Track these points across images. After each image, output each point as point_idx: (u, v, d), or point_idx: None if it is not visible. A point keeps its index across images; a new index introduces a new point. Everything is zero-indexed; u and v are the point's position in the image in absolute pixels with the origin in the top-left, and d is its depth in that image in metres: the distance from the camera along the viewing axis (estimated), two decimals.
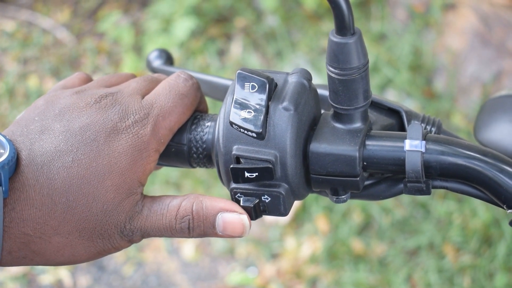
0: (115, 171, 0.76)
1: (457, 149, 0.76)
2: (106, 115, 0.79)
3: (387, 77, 2.89)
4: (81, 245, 0.76)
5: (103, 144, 0.77)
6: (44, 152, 0.75)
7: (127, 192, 0.77)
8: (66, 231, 0.75)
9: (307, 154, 0.79)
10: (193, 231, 0.78)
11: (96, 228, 0.76)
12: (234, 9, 3.25)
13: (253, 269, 2.57)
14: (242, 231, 0.78)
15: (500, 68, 2.76)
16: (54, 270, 2.65)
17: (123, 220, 0.77)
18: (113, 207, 0.76)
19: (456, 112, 2.76)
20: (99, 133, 0.77)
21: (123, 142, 0.77)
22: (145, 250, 2.66)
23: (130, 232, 0.77)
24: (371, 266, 2.49)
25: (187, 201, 0.78)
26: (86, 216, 0.75)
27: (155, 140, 0.79)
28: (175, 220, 0.77)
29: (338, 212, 2.60)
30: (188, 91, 0.83)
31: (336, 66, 0.76)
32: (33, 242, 0.74)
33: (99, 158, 0.76)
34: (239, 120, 0.76)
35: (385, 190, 0.83)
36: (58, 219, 0.74)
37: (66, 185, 0.75)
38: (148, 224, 0.78)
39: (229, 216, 0.78)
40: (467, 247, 2.48)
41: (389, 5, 3.10)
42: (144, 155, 0.78)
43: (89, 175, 0.75)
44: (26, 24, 3.41)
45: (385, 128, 0.84)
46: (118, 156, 0.77)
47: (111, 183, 0.76)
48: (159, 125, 0.80)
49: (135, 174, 0.77)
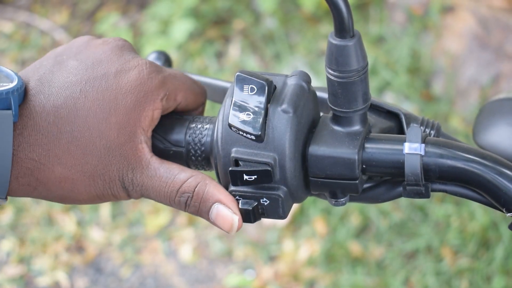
0: (120, 108, 0.78)
1: (456, 152, 0.76)
2: (120, 53, 0.80)
3: (385, 80, 2.89)
4: (82, 182, 0.78)
5: (112, 79, 0.78)
6: (53, 82, 0.78)
7: (129, 135, 0.78)
8: (69, 163, 0.77)
9: (306, 157, 0.78)
10: (188, 207, 0.79)
11: (98, 165, 0.77)
12: (233, 11, 3.25)
13: (250, 271, 2.56)
14: (229, 229, 0.79)
15: (498, 71, 2.76)
16: (51, 272, 2.64)
17: (126, 166, 0.78)
18: (115, 146, 0.77)
19: (454, 115, 2.76)
20: (110, 68, 0.79)
21: (132, 78, 0.79)
22: (142, 252, 2.66)
23: (131, 184, 0.79)
24: (369, 269, 2.49)
25: (193, 179, 0.79)
26: (89, 150, 0.77)
27: (163, 89, 0.80)
28: (176, 192, 0.79)
29: (336, 215, 2.59)
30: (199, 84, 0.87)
31: (335, 68, 0.76)
32: (38, 168, 0.76)
33: (106, 92, 0.78)
34: (238, 122, 0.76)
35: (384, 193, 0.83)
36: (62, 148, 0.77)
37: (72, 115, 0.77)
38: (150, 184, 0.79)
39: (223, 210, 0.79)
40: (465, 250, 2.47)
41: (388, 8, 3.10)
42: (149, 98, 0.79)
43: (95, 108, 0.77)
44: (24, 25, 3.41)
45: (384, 131, 0.84)
46: (125, 93, 0.78)
47: (115, 120, 0.77)
48: (170, 80, 0.81)
49: (138, 116, 0.78)
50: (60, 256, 2.68)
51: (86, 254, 2.68)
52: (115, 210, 2.77)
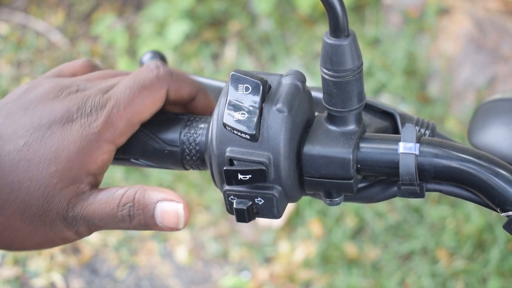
0: (61, 157, 0.78)
1: (451, 152, 0.76)
2: (67, 106, 0.80)
3: (381, 81, 2.89)
4: (23, 229, 0.77)
5: (55, 132, 0.79)
6: (1, 136, 0.78)
7: (72, 180, 0.78)
8: (8, 213, 0.77)
9: (300, 156, 0.78)
10: (133, 219, 0.77)
11: (37, 213, 0.77)
12: (229, 13, 3.25)
13: (246, 273, 2.56)
14: (176, 221, 0.77)
15: (494, 73, 2.77)
16: (46, 273, 2.64)
17: (65, 207, 0.77)
18: (55, 192, 0.77)
19: (450, 117, 2.76)
20: (55, 121, 0.79)
21: (74, 131, 0.79)
22: (138, 253, 2.66)
23: (74, 220, 0.78)
24: (365, 270, 2.49)
25: (132, 190, 0.78)
26: (28, 199, 0.77)
27: (109, 131, 0.79)
28: (117, 207, 0.77)
29: (332, 216, 2.59)
30: (150, 82, 0.82)
31: (330, 68, 0.76)
32: None
33: (48, 144, 0.78)
34: (233, 121, 0.76)
35: (378, 193, 0.82)
36: (2, 200, 0.76)
37: (13, 167, 0.77)
38: (91, 211, 0.78)
39: (165, 205, 0.77)
40: (461, 252, 2.48)
41: (384, 10, 3.10)
42: (94, 145, 0.79)
43: (36, 159, 0.77)
44: (20, 27, 3.41)
45: (379, 131, 0.84)
46: (67, 143, 0.78)
47: (56, 169, 0.77)
48: (114, 116, 0.80)
49: (82, 163, 0.78)
50: (55, 258, 2.68)
51: (81, 256, 2.68)
52: None
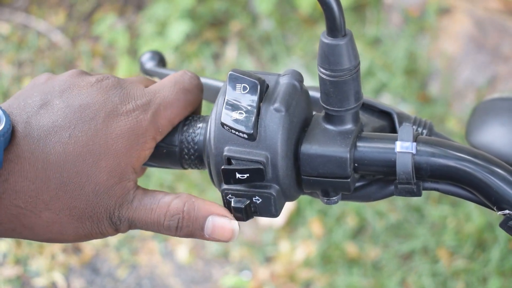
0: (110, 152, 0.76)
1: (447, 151, 0.76)
2: (107, 96, 0.79)
3: (381, 81, 2.90)
4: (70, 224, 0.76)
5: (101, 124, 0.77)
6: (41, 126, 0.75)
7: (120, 177, 0.77)
8: (57, 208, 0.75)
9: (298, 155, 0.79)
10: (180, 230, 0.78)
11: (86, 209, 0.76)
12: (229, 12, 3.25)
13: (247, 272, 2.57)
14: (231, 236, 0.78)
15: (494, 73, 2.77)
16: (48, 272, 2.64)
17: (113, 205, 0.77)
18: (105, 189, 0.76)
19: (451, 116, 2.77)
20: (99, 112, 0.77)
21: (121, 124, 0.77)
22: (139, 253, 2.66)
23: (118, 220, 0.77)
24: (365, 270, 2.49)
25: (179, 200, 0.78)
26: (78, 194, 0.75)
27: (154, 128, 0.79)
28: (164, 217, 0.77)
29: (332, 216, 2.60)
30: (192, 88, 0.84)
31: (327, 67, 0.76)
32: (24, 215, 0.74)
33: (96, 138, 0.76)
34: (231, 121, 0.76)
35: (376, 192, 0.83)
36: (50, 194, 0.74)
37: (61, 161, 0.75)
38: (137, 215, 0.77)
39: (219, 221, 0.78)
40: (461, 251, 2.48)
41: (384, 10, 3.10)
42: (141, 140, 0.78)
43: (84, 153, 0.75)
44: (21, 27, 3.41)
45: (376, 130, 0.84)
46: (116, 138, 0.77)
47: (105, 165, 0.76)
48: (160, 114, 0.80)
49: (129, 158, 0.77)
50: (56, 257, 2.68)
51: (82, 255, 2.68)
52: None
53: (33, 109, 0.77)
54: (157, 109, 0.80)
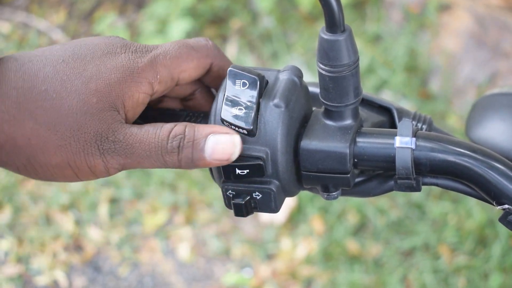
0: (102, 78, 0.76)
1: (447, 146, 0.77)
2: (110, 41, 0.80)
3: (382, 78, 2.90)
4: (54, 141, 0.74)
5: (97, 58, 0.77)
6: (38, 54, 0.77)
7: (110, 105, 0.76)
8: (41, 119, 0.74)
9: (298, 151, 0.79)
10: (181, 152, 0.76)
11: (73, 126, 0.74)
12: (230, 10, 3.25)
13: (248, 269, 2.57)
14: (232, 151, 0.76)
15: (495, 70, 2.77)
16: (49, 271, 2.65)
17: (104, 130, 0.75)
18: (94, 111, 0.75)
19: (451, 113, 2.77)
20: (97, 50, 0.78)
21: (117, 61, 0.78)
22: (140, 251, 2.67)
23: (111, 147, 0.75)
24: (366, 266, 2.49)
25: (180, 125, 0.77)
26: (65, 109, 0.74)
27: (151, 72, 0.79)
28: (167, 139, 0.76)
29: (334, 213, 2.60)
30: (198, 46, 0.83)
31: (326, 63, 0.76)
32: (7, 121, 0.73)
33: (88, 65, 0.76)
34: (230, 117, 0.77)
35: (375, 187, 0.83)
36: (35, 104, 0.74)
37: (49, 77, 0.75)
38: (137, 140, 0.76)
39: (219, 137, 0.76)
40: (462, 248, 2.48)
41: (385, 7, 3.10)
42: (135, 79, 0.78)
43: (74, 75, 0.75)
44: (22, 25, 3.41)
45: (376, 126, 0.84)
46: (109, 70, 0.77)
47: (95, 88, 0.75)
48: (158, 61, 0.79)
49: (121, 92, 0.76)
50: (58, 255, 2.68)
51: (84, 253, 2.68)
52: (112, 209, 2.77)
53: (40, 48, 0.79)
54: (156, 55, 0.80)
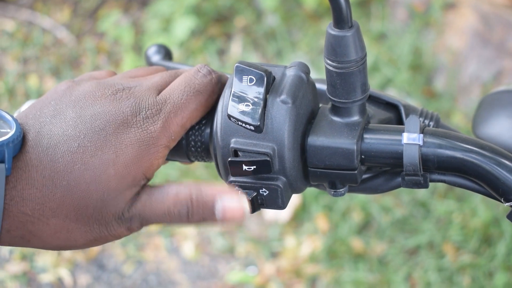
0: (120, 161, 0.76)
1: (454, 143, 0.76)
2: (118, 107, 0.79)
3: (387, 76, 2.89)
4: (78, 229, 0.76)
5: (111, 135, 0.77)
6: (51, 135, 0.76)
7: (130, 184, 0.77)
8: (63, 214, 0.75)
9: (305, 147, 0.79)
10: (192, 217, 0.77)
11: (93, 214, 0.76)
12: (234, 8, 3.25)
13: (252, 268, 2.57)
14: (242, 215, 0.77)
15: (500, 68, 2.76)
16: (54, 269, 2.65)
17: (122, 208, 0.77)
18: (114, 195, 0.76)
19: (456, 111, 2.76)
20: (109, 123, 0.77)
21: (131, 135, 0.77)
22: (145, 249, 2.67)
23: (129, 219, 0.77)
24: (371, 265, 2.49)
25: (185, 188, 0.78)
26: (85, 201, 0.75)
27: (165, 137, 0.79)
28: (173, 206, 0.77)
29: (338, 211, 2.60)
30: (204, 87, 0.82)
31: (333, 59, 0.76)
32: (31, 222, 0.74)
33: (105, 147, 0.76)
34: (237, 113, 0.77)
35: (383, 184, 0.83)
36: (57, 202, 0.75)
37: (68, 169, 0.75)
38: (147, 210, 0.77)
39: (228, 200, 0.77)
40: (467, 246, 2.48)
41: (389, 5, 3.10)
42: (152, 150, 0.78)
43: (93, 162, 0.76)
44: (26, 23, 3.42)
45: (383, 122, 0.84)
46: (125, 148, 0.77)
47: (115, 173, 0.76)
48: (171, 122, 0.79)
49: (140, 168, 0.77)
50: (62, 253, 2.68)
51: (88, 251, 2.69)
52: None
53: (46, 119, 0.77)
54: (167, 117, 0.79)
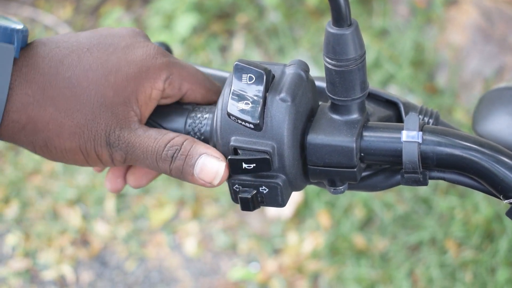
0: (121, 72, 0.81)
1: (454, 140, 0.76)
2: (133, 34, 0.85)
3: (389, 72, 2.89)
4: (69, 127, 0.80)
5: (120, 49, 0.82)
6: (65, 40, 0.82)
7: (124, 99, 0.81)
8: (61, 106, 0.79)
9: (304, 145, 0.79)
10: (174, 162, 0.80)
11: (88, 116, 0.80)
12: (236, 5, 3.25)
13: (255, 264, 2.57)
14: (214, 177, 0.79)
15: (502, 64, 2.76)
16: (56, 265, 2.65)
17: (114, 123, 0.80)
18: (109, 104, 0.80)
19: (458, 107, 2.76)
20: (121, 41, 0.83)
21: (138, 53, 0.82)
22: (147, 245, 2.67)
23: (116, 142, 0.80)
24: (373, 261, 2.49)
25: (181, 137, 0.81)
26: (83, 99, 0.80)
27: (166, 72, 0.83)
28: (164, 147, 0.80)
29: (340, 208, 2.60)
30: (213, 82, 0.89)
31: (333, 57, 0.76)
32: (31, 104, 0.79)
33: (111, 57, 0.81)
34: (237, 111, 0.77)
35: (382, 181, 0.83)
36: (57, 91, 0.79)
37: (73, 65, 0.80)
38: (138, 141, 0.81)
39: (208, 159, 0.79)
40: (469, 242, 2.48)
41: (391, 1, 3.10)
42: (151, 74, 0.82)
43: (97, 65, 0.80)
44: (29, 20, 3.42)
45: (382, 120, 0.84)
46: (129, 62, 0.81)
47: (114, 81, 0.80)
48: (176, 67, 0.84)
49: (136, 86, 0.81)
50: (65, 250, 2.69)
51: (91, 248, 2.69)
52: (119, 204, 2.78)
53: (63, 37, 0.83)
54: (175, 62, 0.84)
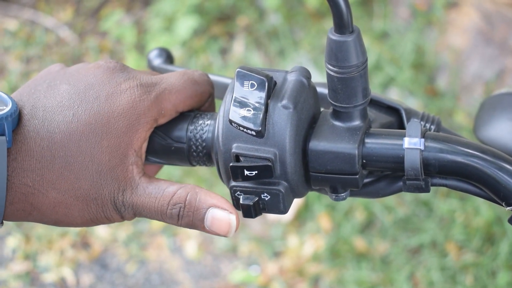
0: (112, 132, 0.78)
1: (456, 147, 0.76)
2: (112, 76, 0.80)
3: (389, 75, 2.89)
4: (76, 206, 0.78)
5: (104, 103, 0.78)
6: (47, 107, 0.78)
7: (121, 157, 0.78)
8: (63, 188, 0.77)
9: (306, 152, 0.79)
10: (181, 219, 0.79)
11: (91, 190, 0.78)
12: (237, 7, 3.25)
13: (255, 267, 2.57)
14: (228, 230, 0.79)
15: (502, 66, 2.76)
16: (57, 268, 2.65)
17: (116, 188, 0.78)
18: (107, 170, 0.78)
19: (459, 110, 2.76)
20: (102, 91, 0.79)
21: (123, 102, 0.79)
22: (148, 248, 2.67)
23: (122, 205, 0.79)
24: (374, 264, 2.49)
25: (183, 190, 0.79)
26: (82, 174, 0.77)
27: (156, 109, 0.80)
28: (167, 206, 0.78)
29: (341, 211, 2.60)
30: (201, 81, 0.85)
31: (334, 64, 0.76)
32: (32, 194, 0.76)
33: (98, 116, 0.78)
34: (239, 118, 0.77)
35: (384, 188, 0.83)
36: (56, 173, 0.77)
37: (65, 139, 0.77)
38: (141, 202, 0.79)
39: (218, 213, 0.78)
40: (470, 245, 2.48)
41: (392, 4, 3.10)
42: (142, 120, 0.79)
43: (87, 132, 0.78)
44: (29, 23, 3.42)
45: (384, 126, 0.84)
46: (117, 116, 0.78)
47: (107, 144, 0.78)
48: (164, 97, 0.81)
49: (130, 138, 0.79)
50: (65, 253, 2.69)
51: (91, 250, 2.69)
52: None
53: (40, 94, 0.79)
54: (162, 91, 0.81)
